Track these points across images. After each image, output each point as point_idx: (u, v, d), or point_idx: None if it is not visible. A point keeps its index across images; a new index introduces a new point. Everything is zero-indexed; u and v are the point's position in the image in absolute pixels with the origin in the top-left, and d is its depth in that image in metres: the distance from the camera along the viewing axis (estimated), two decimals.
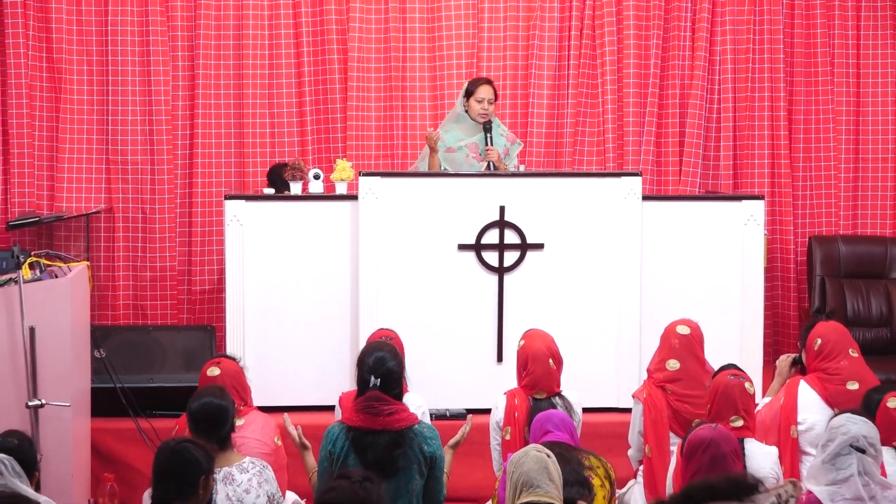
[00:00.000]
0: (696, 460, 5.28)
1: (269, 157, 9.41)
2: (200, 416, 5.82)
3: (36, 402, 6.36)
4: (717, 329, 7.89)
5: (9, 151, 9.26)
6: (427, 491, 6.24)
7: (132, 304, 9.43)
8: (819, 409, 6.70)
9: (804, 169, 9.82)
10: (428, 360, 7.51)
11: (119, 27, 9.32)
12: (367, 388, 6.18)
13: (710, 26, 9.68)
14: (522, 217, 8.18)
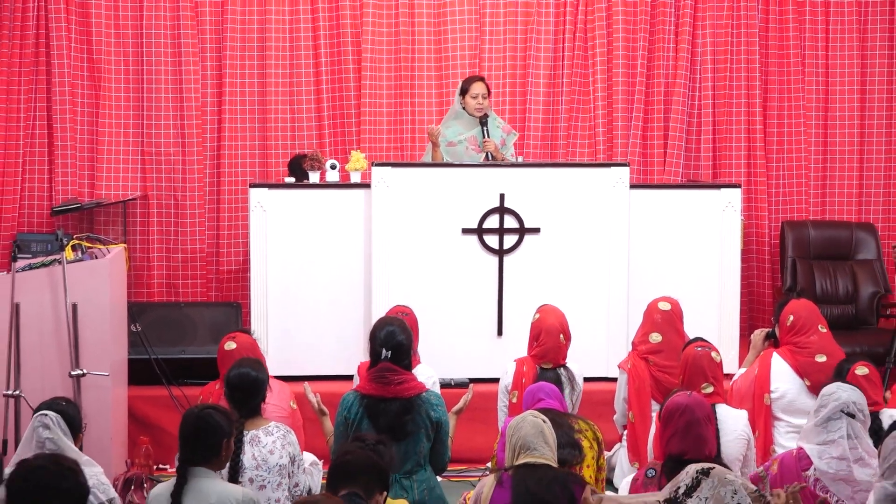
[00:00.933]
0: (672, 425, 5.29)
1: (289, 149, 9.39)
2: (237, 385, 5.85)
3: (78, 371, 6.38)
4: (697, 306, 7.93)
5: (53, 144, 9.27)
6: (433, 453, 6.27)
7: (165, 283, 9.44)
8: (790, 379, 6.72)
9: (777, 160, 9.81)
10: (434, 334, 7.52)
11: (153, 31, 9.32)
12: (379, 359, 6.22)
13: (692, 30, 9.66)
14: (521, 203, 8.18)
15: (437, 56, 9.59)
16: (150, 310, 8.44)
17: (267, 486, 5.61)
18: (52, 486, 3.89)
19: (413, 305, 7.38)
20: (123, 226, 9.29)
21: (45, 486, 3.88)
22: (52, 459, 4.10)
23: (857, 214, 9.80)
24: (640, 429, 6.76)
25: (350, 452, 4.86)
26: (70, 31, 9.23)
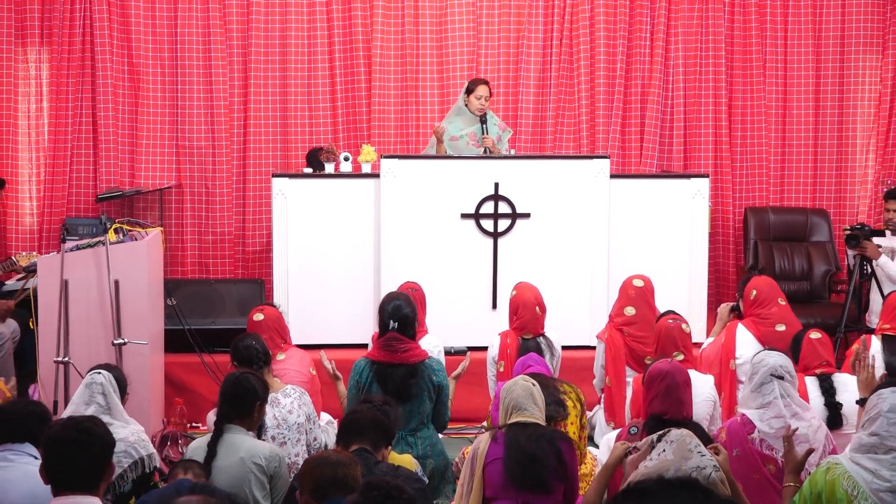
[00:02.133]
0: (654, 388, 5.30)
1: (307, 143, 9.38)
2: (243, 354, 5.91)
3: (120, 340, 6.41)
4: (669, 282, 7.94)
5: (98, 138, 9.27)
6: (435, 413, 6.30)
7: (197, 262, 9.45)
8: (753, 347, 6.72)
9: (741, 152, 9.79)
10: (435, 307, 7.52)
11: (186, 38, 9.31)
12: (387, 330, 6.25)
13: (665, 37, 9.64)
14: (513, 191, 8.19)
15: (439, 60, 9.58)
16: (184, 286, 8.45)
17: (287, 443, 5.65)
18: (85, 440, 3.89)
19: (418, 282, 7.41)
20: (160, 211, 9.29)
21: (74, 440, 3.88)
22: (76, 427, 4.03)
23: (812, 201, 9.80)
24: (615, 392, 6.78)
25: (359, 412, 4.89)
26: (112, 37, 9.22)
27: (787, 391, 5.31)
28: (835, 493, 4.17)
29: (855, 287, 8.00)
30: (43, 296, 6.49)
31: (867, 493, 4.14)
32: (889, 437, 4.18)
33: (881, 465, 4.18)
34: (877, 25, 9.77)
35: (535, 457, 5.19)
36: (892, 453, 4.17)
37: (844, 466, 4.22)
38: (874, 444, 4.21)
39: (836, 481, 4.18)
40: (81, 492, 3.84)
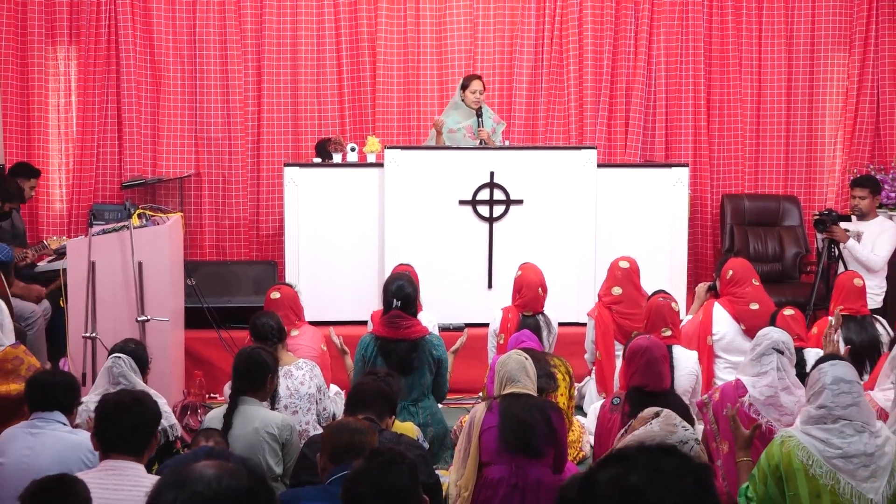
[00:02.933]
0: (634, 363, 5.32)
1: (316, 134, 9.36)
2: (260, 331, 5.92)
3: (143, 317, 6.42)
4: (652, 264, 7.95)
5: (122, 130, 9.26)
6: (435, 384, 6.32)
7: (214, 245, 9.44)
8: (728, 324, 6.76)
9: (719, 143, 9.78)
10: (435, 287, 7.54)
11: (204, 36, 9.29)
12: (390, 308, 6.26)
13: (648, 36, 9.61)
14: (507, 180, 8.18)
15: (438, 58, 9.56)
16: (202, 267, 8.46)
17: (299, 412, 5.66)
18: (138, 409, 3.92)
19: (417, 264, 7.39)
20: (180, 197, 9.29)
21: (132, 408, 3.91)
22: (131, 395, 4.13)
23: (784, 188, 9.79)
24: (606, 365, 6.80)
25: (365, 384, 4.90)
26: (135, 36, 9.20)
27: (784, 365, 5.32)
28: (791, 463, 4.18)
29: (823, 268, 8.01)
30: (72, 276, 6.50)
31: (821, 461, 4.16)
32: (835, 408, 4.20)
33: (831, 434, 4.20)
34: (844, 26, 9.74)
35: (528, 424, 5.20)
36: (840, 422, 4.20)
37: (798, 438, 4.23)
38: (822, 415, 4.23)
39: (792, 452, 4.20)
40: (128, 456, 3.87)
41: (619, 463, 1.93)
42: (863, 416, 4.22)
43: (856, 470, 4.16)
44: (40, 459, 4.28)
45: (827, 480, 4.14)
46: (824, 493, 4.12)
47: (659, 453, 1.97)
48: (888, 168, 9.50)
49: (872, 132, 9.78)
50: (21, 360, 5.39)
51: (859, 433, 4.19)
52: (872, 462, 4.17)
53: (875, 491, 4.15)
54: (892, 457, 4.19)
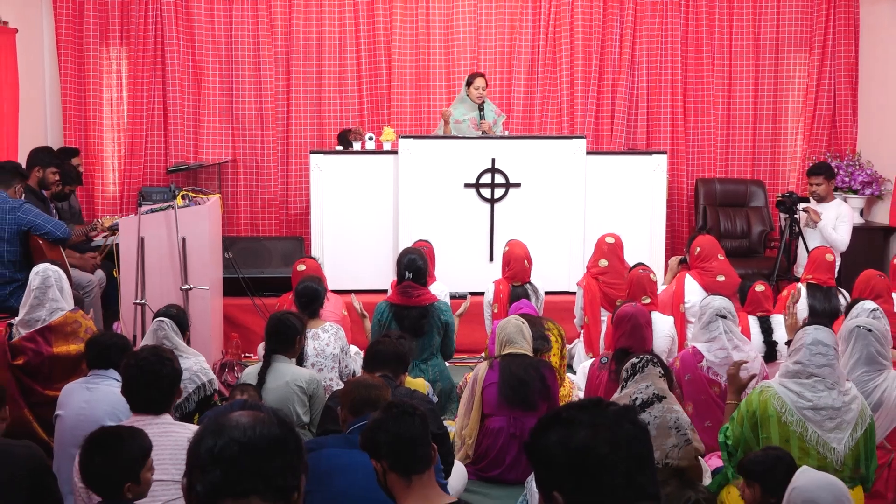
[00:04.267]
0: (621, 327, 5.33)
1: (338, 125, 9.36)
2: (303, 293, 5.93)
3: (187, 286, 6.42)
4: (634, 239, 7.94)
5: (167, 121, 9.25)
6: (443, 345, 6.33)
7: (249, 222, 9.45)
8: (698, 293, 6.75)
9: (693, 132, 9.76)
10: (442, 259, 7.53)
11: (239, 37, 9.28)
12: (403, 278, 6.26)
13: (632, 36, 9.57)
14: (507, 165, 8.16)
15: (446, 57, 9.53)
16: (238, 242, 8.46)
17: (324, 369, 5.67)
18: (155, 371, 3.91)
19: (428, 239, 7.43)
20: (219, 181, 9.30)
21: (149, 371, 3.90)
22: (153, 350, 4.10)
23: (751, 174, 9.79)
24: (592, 329, 6.80)
25: (381, 344, 4.90)
26: (178, 38, 9.19)
27: (729, 328, 5.34)
28: (767, 410, 4.21)
29: (785, 244, 8.00)
30: (123, 250, 6.50)
31: (793, 410, 4.19)
32: (810, 365, 4.23)
33: (804, 388, 4.22)
34: (806, 29, 9.74)
35: (524, 381, 5.23)
36: (813, 378, 4.22)
37: (775, 389, 4.26)
38: (798, 370, 4.26)
39: (768, 401, 4.22)
40: (154, 413, 3.88)
41: (563, 425, 1.91)
42: (834, 376, 4.24)
43: (823, 421, 4.18)
44: (95, 411, 4.30)
45: (796, 428, 4.17)
46: (793, 439, 4.14)
47: (592, 409, 1.95)
48: (843, 156, 9.50)
49: (829, 124, 9.77)
50: (80, 323, 5.40)
51: (829, 389, 4.21)
52: (839, 416, 4.19)
53: (838, 441, 4.17)
54: (856, 413, 4.21)
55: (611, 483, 1.84)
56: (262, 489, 1.86)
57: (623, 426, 1.89)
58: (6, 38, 7.85)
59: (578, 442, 1.86)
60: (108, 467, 3.23)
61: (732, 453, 4.36)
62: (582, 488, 1.85)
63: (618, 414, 1.92)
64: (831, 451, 4.16)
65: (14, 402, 5.08)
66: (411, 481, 2.94)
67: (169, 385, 3.92)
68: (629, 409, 1.99)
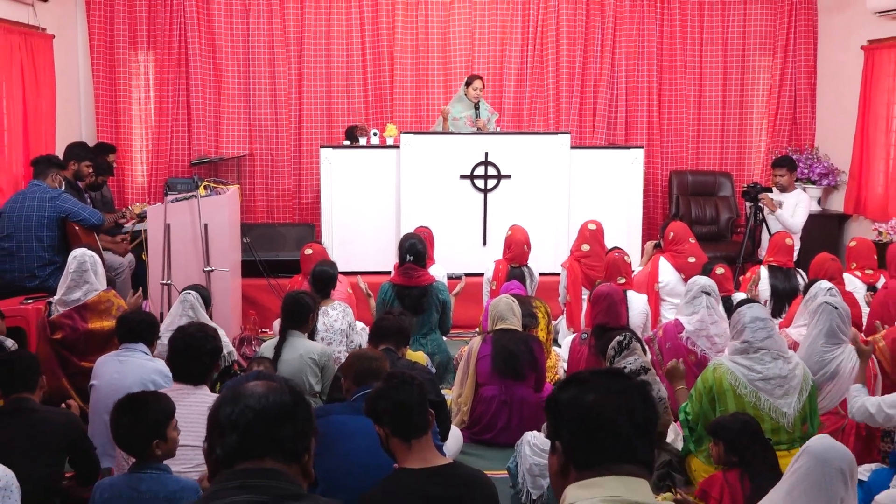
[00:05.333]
0: (598, 305, 5.33)
1: (346, 122, 9.33)
2: (319, 277, 5.93)
3: (209, 268, 6.41)
4: (614, 225, 7.94)
5: (191, 119, 9.22)
6: (440, 321, 6.34)
7: (265, 210, 9.43)
8: (671, 274, 6.76)
9: (668, 129, 9.73)
10: (440, 243, 7.52)
11: (255, 41, 9.24)
12: (405, 261, 6.25)
13: (612, 41, 9.52)
14: (499, 158, 8.15)
15: (443, 60, 9.48)
16: (255, 228, 8.45)
17: (333, 343, 5.67)
18: (199, 345, 3.93)
19: (427, 226, 7.42)
20: (237, 172, 9.28)
21: (194, 345, 3.92)
22: (199, 327, 4.16)
23: (719, 166, 9.77)
24: (574, 307, 6.79)
25: (384, 321, 4.90)
26: (200, 42, 9.14)
27: (711, 304, 5.40)
28: (722, 385, 4.26)
29: (750, 229, 8.01)
30: (151, 236, 6.49)
31: (746, 383, 4.25)
32: (755, 341, 4.29)
33: (753, 362, 4.28)
34: (769, 35, 9.72)
35: (514, 354, 5.23)
36: (760, 352, 4.28)
37: (727, 365, 4.32)
38: (745, 348, 4.32)
39: (723, 376, 4.26)
40: (193, 383, 3.91)
41: (578, 385, 1.91)
42: (777, 346, 4.31)
43: (773, 389, 4.24)
44: (126, 380, 4.30)
45: (750, 398, 4.22)
46: (748, 408, 4.18)
47: (609, 376, 1.95)
48: (802, 150, 9.49)
49: (790, 121, 9.75)
50: (112, 302, 5.41)
51: (775, 360, 4.27)
52: (786, 383, 4.25)
53: (788, 406, 4.23)
54: (801, 378, 4.28)
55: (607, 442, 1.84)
56: (275, 452, 1.87)
57: (632, 396, 1.89)
58: (44, 43, 7.82)
59: (586, 401, 1.87)
60: (135, 427, 3.25)
61: (693, 428, 4.38)
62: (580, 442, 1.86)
63: (630, 385, 1.92)
64: (783, 415, 4.21)
65: (53, 373, 5.10)
66: (411, 445, 2.94)
67: (210, 359, 3.98)
68: (644, 384, 2.00)
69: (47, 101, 7.79)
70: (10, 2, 7.22)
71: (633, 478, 1.82)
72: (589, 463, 1.84)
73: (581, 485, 1.82)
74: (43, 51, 7.76)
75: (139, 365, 4.45)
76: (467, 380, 5.34)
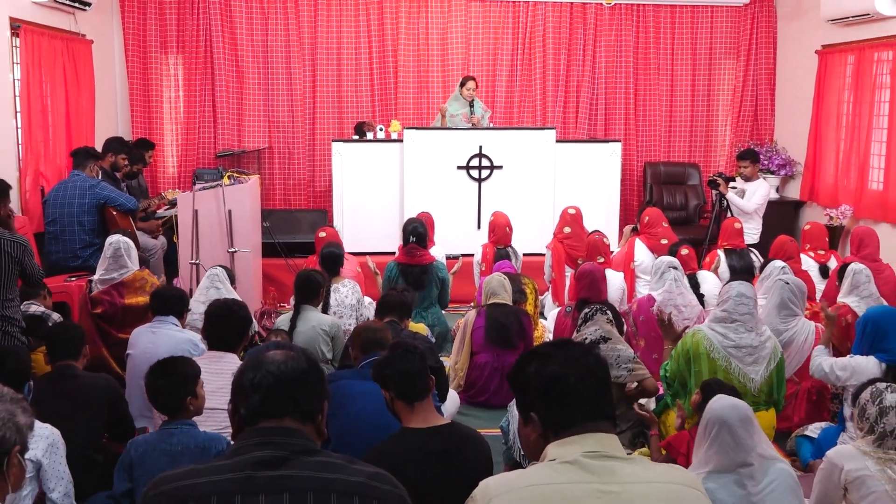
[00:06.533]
0: (582, 281, 5.33)
1: (355, 118, 9.28)
2: (327, 257, 5.91)
3: (232, 249, 6.40)
4: (594, 211, 7.94)
5: (216, 115, 9.14)
6: (440, 296, 6.34)
7: (282, 197, 9.39)
8: (646, 254, 6.77)
9: (643, 124, 9.69)
10: (439, 227, 7.52)
11: (273, 44, 9.19)
12: (408, 242, 6.25)
13: (594, 45, 9.47)
14: (492, 151, 8.13)
15: (442, 62, 9.43)
16: (274, 213, 8.44)
17: (343, 317, 5.67)
18: (234, 312, 3.96)
19: (428, 211, 7.39)
20: (258, 163, 9.25)
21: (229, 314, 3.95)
22: (233, 301, 4.18)
23: (689, 158, 9.75)
24: (558, 283, 6.80)
25: (389, 296, 4.90)
26: (224, 45, 9.09)
27: (678, 277, 5.42)
28: (698, 348, 4.26)
29: (715, 215, 8.00)
30: (181, 220, 6.48)
31: (719, 349, 4.24)
32: (735, 313, 4.28)
33: (728, 331, 4.28)
34: (733, 40, 9.68)
35: (505, 325, 5.24)
36: (736, 323, 4.28)
37: (704, 331, 4.31)
38: (724, 316, 4.31)
39: (699, 342, 4.26)
40: (227, 348, 3.93)
41: (539, 359, 1.92)
42: (752, 321, 4.31)
43: (743, 357, 4.24)
44: (159, 349, 4.30)
45: (722, 363, 4.23)
46: (720, 371, 4.19)
47: (563, 347, 1.96)
48: (763, 143, 9.48)
49: (752, 117, 9.74)
50: (145, 280, 5.41)
51: (748, 332, 4.27)
52: (756, 352, 4.26)
53: (756, 373, 4.24)
54: (770, 350, 4.28)
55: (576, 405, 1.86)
56: (292, 412, 1.87)
57: (588, 359, 1.91)
58: (84, 48, 7.78)
59: (551, 372, 1.88)
60: (169, 386, 3.26)
61: (671, 384, 4.39)
62: (553, 409, 1.87)
63: (584, 350, 1.94)
64: (750, 380, 4.21)
65: (94, 343, 5.11)
66: (414, 407, 2.95)
67: (240, 328, 3.98)
68: (593, 347, 2.01)
69: (87, 100, 7.76)
70: (53, 11, 7.18)
71: (605, 434, 1.85)
72: (566, 425, 1.86)
73: (561, 443, 1.85)
74: (83, 55, 7.72)
75: (171, 335, 4.46)
76: (463, 348, 5.35)
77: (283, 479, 1.77)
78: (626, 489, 1.77)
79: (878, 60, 7.75)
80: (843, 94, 8.28)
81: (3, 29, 6.37)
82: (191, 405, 3.28)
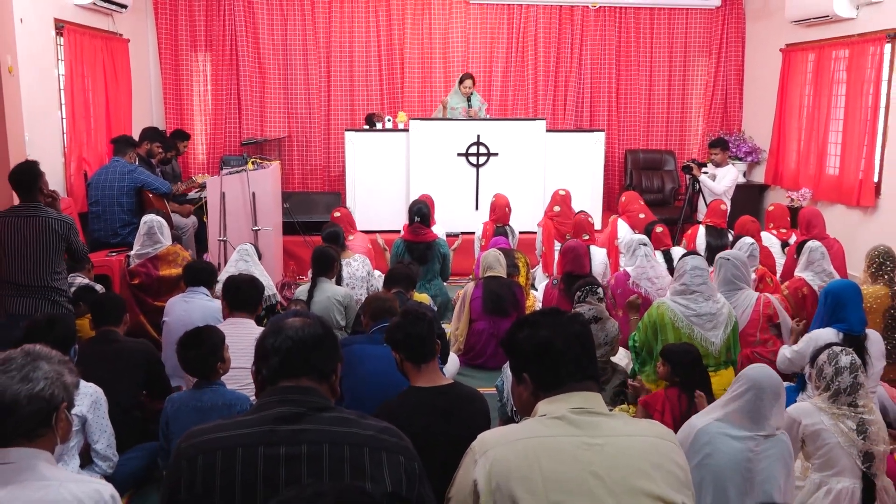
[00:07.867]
0: (567, 256, 5.32)
1: (365, 109, 9.23)
2: (328, 237, 5.89)
3: (256, 227, 6.40)
4: (580, 193, 7.90)
5: (241, 107, 9.10)
6: (442, 270, 6.32)
7: (301, 180, 9.36)
8: (627, 231, 6.73)
9: (624, 115, 9.66)
10: (441, 208, 7.49)
11: (291, 42, 9.11)
12: (413, 221, 6.22)
13: (580, 44, 9.40)
14: (489, 139, 8.07)
15: (444, 59, 9.36)
16: (293, 195, 8.40)
17: (355, 288, 5.66)
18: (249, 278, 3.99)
19: (430, 194, 7.35)
20: (279, 151, 9.21)
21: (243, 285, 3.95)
22: (246, 276, 4.16)
23: (665, 145, 9.72)
24: (548, 257, 6.78)
25: (396, 269, 4.90)
26: (248, 44, 9.02)
27: (648, 254, 5.39)
28: (663, 319, 4.27)
29: (688, 197, 7.98)
30: (210, 202, 6.46)
31: (682, 318, 4.26)
32: (692, 285, 4.29)
33: (689, 301, 4.28)
34: (706, 40, 9.63)
35: (500, 295, 5.23)
36: (695, 294, 4.28)
37: (668, 303, 4.32)
38: (683, 289, 4.32)
39: (664, 313, 4.27)
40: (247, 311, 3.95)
41: (530, 326, 1.92)
42: (709, 290, 4.31)
43: (704, 324, 4.25)
44: (192, 317, 4.31)
45: (686, 330, 4.24)
46: (684, 338, 4.22)
47: (551, 315, 1.95)
48: (731, 132, 9.44)
49: (722, 109, 9.69)
50: (178, 253, 5.40)
51: (706, 301, 4.28)
52: (714, 319, 4.27)
53: (716, 337, 4.26)
54: (726, 316, 4.30)
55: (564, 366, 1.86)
56: (309, 373, 1.87)
57: (574, 326, 1.91)
58: (121, 47, 7.72)
59: (541, 337, 1.88)
60: (200, 354, 3.26)
61: (639, 352, 4.39)
62: (543, 370, 1.87)
63: (570, 318, 1.94)
64: (711, 344, 4.23)
65: (132, 311, 5.11)
66: (420, 368, 2.95)
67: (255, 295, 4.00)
68: (578, 315, 2.00)
69: (125, 94, 7.71)
70: (93, 13, 7.12)
71: (590, 392, 1.86)
72: (554, 384, 1.86)
73: (550, 401, 1.85)
74: (120, 52, 7.66)
75: (202, 305, 4.46)
76: (462, 316, 5.35)
77: (301, 433, 1.77)
78: (609, 441, 1.77)
79: (836, 58, 7.71)
80: (805, 89, 8.24)
81: (48, 29, 6.32)
82: (220, 369, 3.30)
